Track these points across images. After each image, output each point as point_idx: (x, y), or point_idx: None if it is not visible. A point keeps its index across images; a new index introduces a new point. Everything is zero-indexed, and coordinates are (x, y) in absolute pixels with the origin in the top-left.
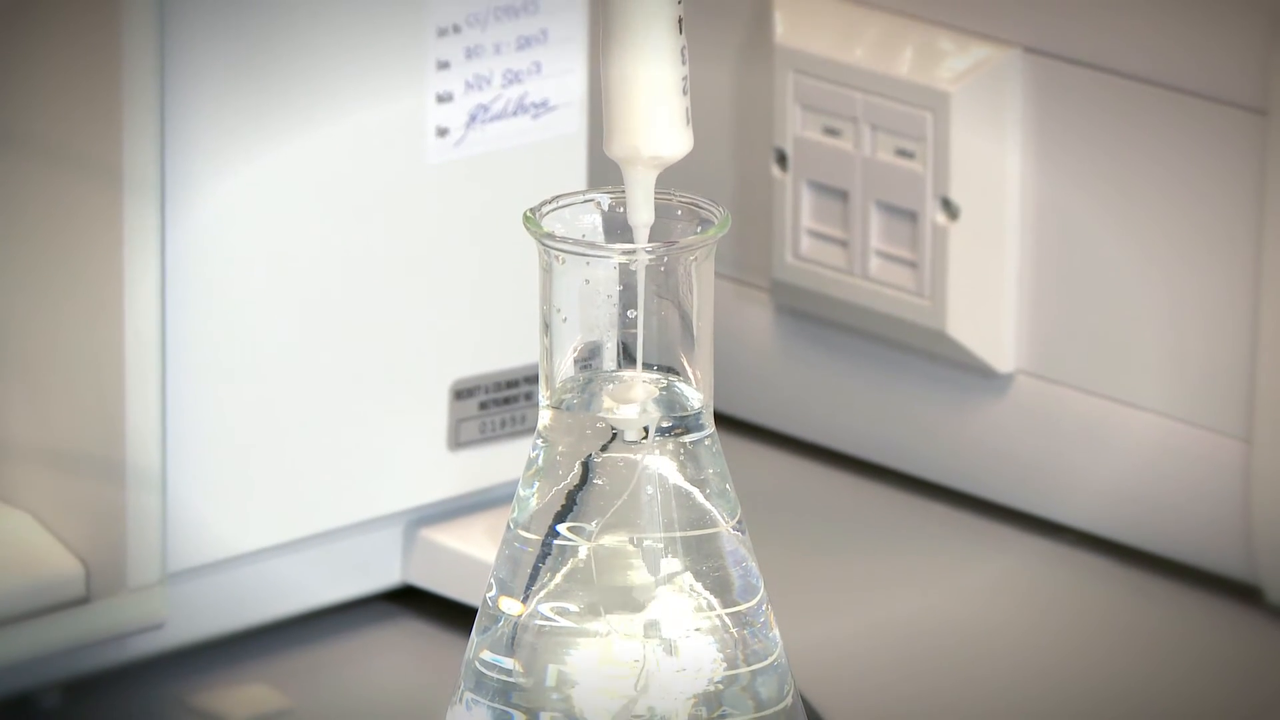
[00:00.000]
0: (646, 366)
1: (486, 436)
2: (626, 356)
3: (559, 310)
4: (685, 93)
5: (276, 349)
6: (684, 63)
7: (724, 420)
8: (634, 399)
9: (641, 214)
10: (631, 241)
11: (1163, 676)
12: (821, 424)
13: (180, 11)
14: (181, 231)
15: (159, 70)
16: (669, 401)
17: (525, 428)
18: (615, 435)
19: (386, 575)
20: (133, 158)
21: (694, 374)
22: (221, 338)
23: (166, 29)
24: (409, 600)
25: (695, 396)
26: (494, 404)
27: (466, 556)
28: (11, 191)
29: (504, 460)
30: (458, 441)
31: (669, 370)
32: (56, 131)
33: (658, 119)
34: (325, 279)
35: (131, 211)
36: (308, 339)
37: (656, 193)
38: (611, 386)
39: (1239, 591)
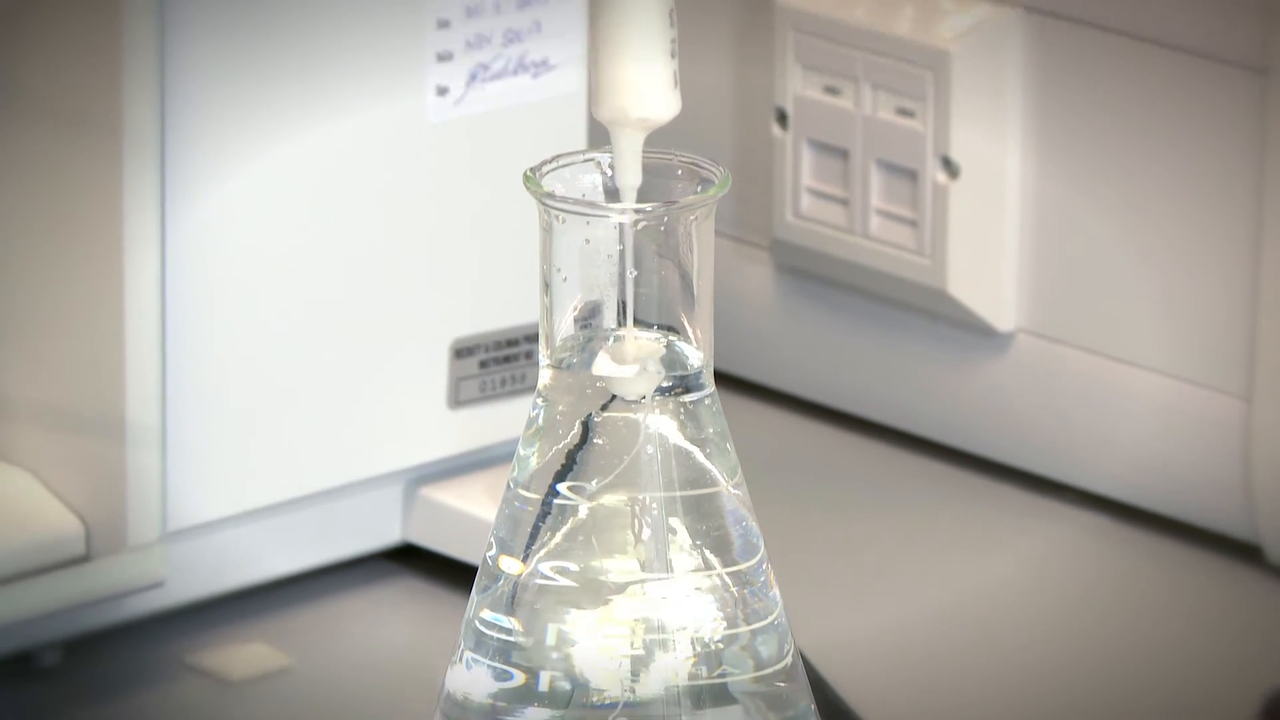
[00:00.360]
0: (647, 326)
1: (486, 395)
2: (625, 315)
3: (559, 270)
4: (673, 55)
5: (276, 308)
6: (672, 25)
7: (724, 379)
8: (633, 359)
9: (629, 176)
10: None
11: (1162, 635)
12: (822, 383)
13: None
14: (181, 192)
15: (159, 28)
16: (670, 361)
17: (525, 386)
18: (615, 395)
19: (386, 534)
20: (132, 117)
21: (694, 333)
22: (221, 296)
23: None
24: (409, 559)
25: (696, 355)
26: (494, 363)
27: (466, 515)
28: (10, 151)
29: (504, 419)
30: (458, 400)
31: (669, 329)
32: (55, 90)
33: (645, 82)
34: (326, 237)
35: (131, 171)
36: (307, 297)
37: (657, 153)
38: (611, 345)
39: (1239, 550)
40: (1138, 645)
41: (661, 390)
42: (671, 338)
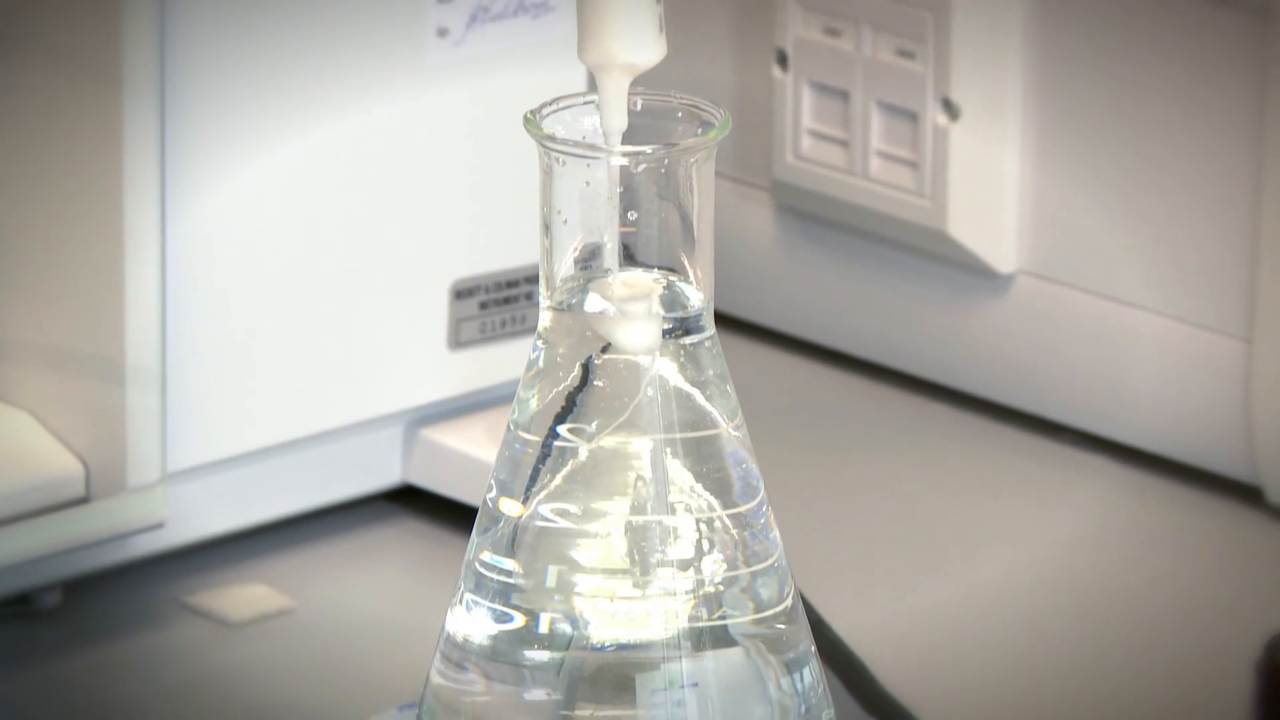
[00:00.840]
0: (647, 268)
1: (487, 336)
2: (628, 258)
3: (559, 212)
4: (659, 0)
5: (276, 249)
6: None
7: (724, 320)
8: (633, 300)
9: (615, 120)
10: (633, 144)
11: (1163, 577)
12: (822, 324)
13: None
14: (181, 132)
15: None
16: (669, 302)
17: (525, 328)
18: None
19: (386, 475)
20: (132, 59)
21: (695, 275)
22: (221, 237)
23: None
24: (409, 500)
25: (696, 297)
26: (494, 304)
27: (466, 456)
28: (9, 93)
29: (504, 360)
30: (458, 341)
31: (670, 271)
32: (54, 32)
33: (631, 26)
34: (326, 178)
35: (131, 113)
36: (308, 239)
37: (657, 95)
38: (605, 284)
39: (1240, 492)
40: (1138, 587)
41: (662, 333)
42: (672, 278)
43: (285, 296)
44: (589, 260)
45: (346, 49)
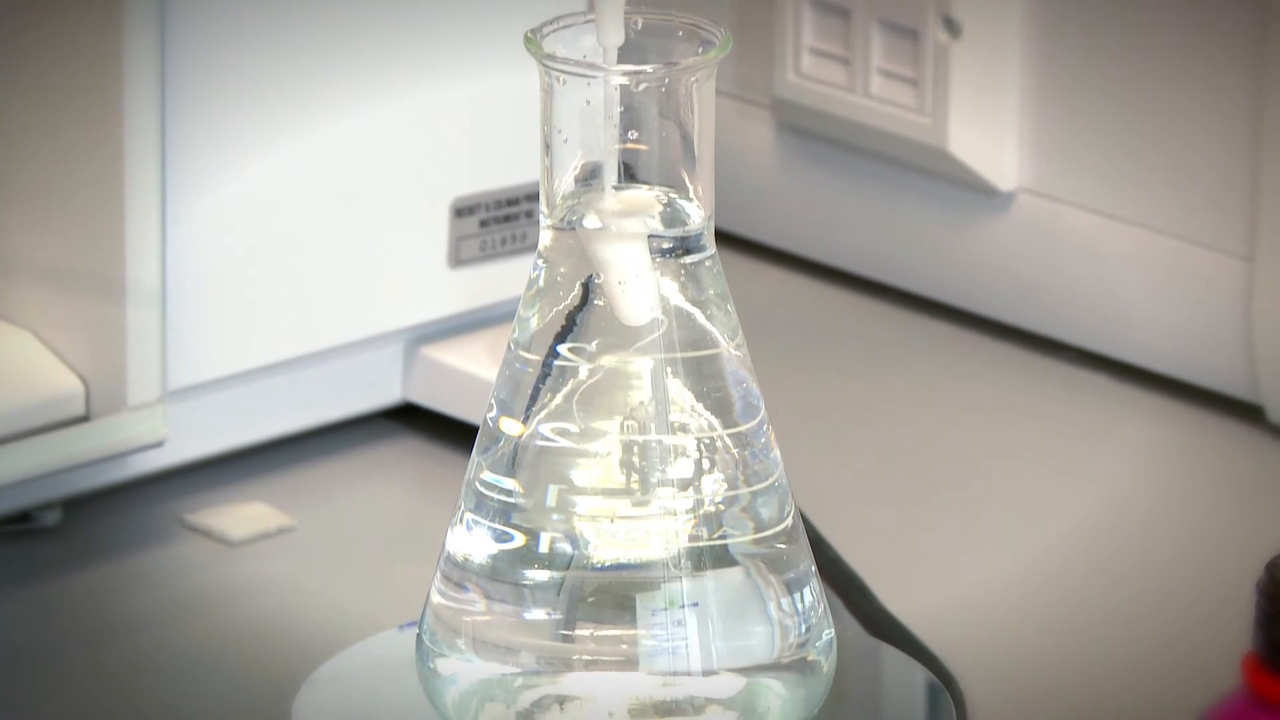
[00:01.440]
0: (648, 185)
1: (487, 254)
2: (628, 176)
3: (559, 131)
4: None
5: (277, 166)
6: None
7: (724, 238)
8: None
9: (611, 35)
10: (634, 63)
11: (1163, 495)
12: (822, 242)
13: None
14: (182, 48)
15: None
16: (670, 219)
17: (526, 245)
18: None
19: (387, 393)
20: None
21: (695, 193)
22: (221, 154)
23: None
24: (409, 418)
25: (697, 215)
26: (494, 222)
27: (466, 374)
28: (7, 8)
29: (504, 278)
30: (458, 259)
31: (670, 190)
32: None
33: None
34: (326, 95)
35: (131, 27)
36: (308, 156)
37: (657, 14)
38: (603, 200)
39: (1240, 410)
40: (1138, 505)
41: (663, 252)
42: (673, 195)
43: (285, 214)
44: (589, 179)
45: None
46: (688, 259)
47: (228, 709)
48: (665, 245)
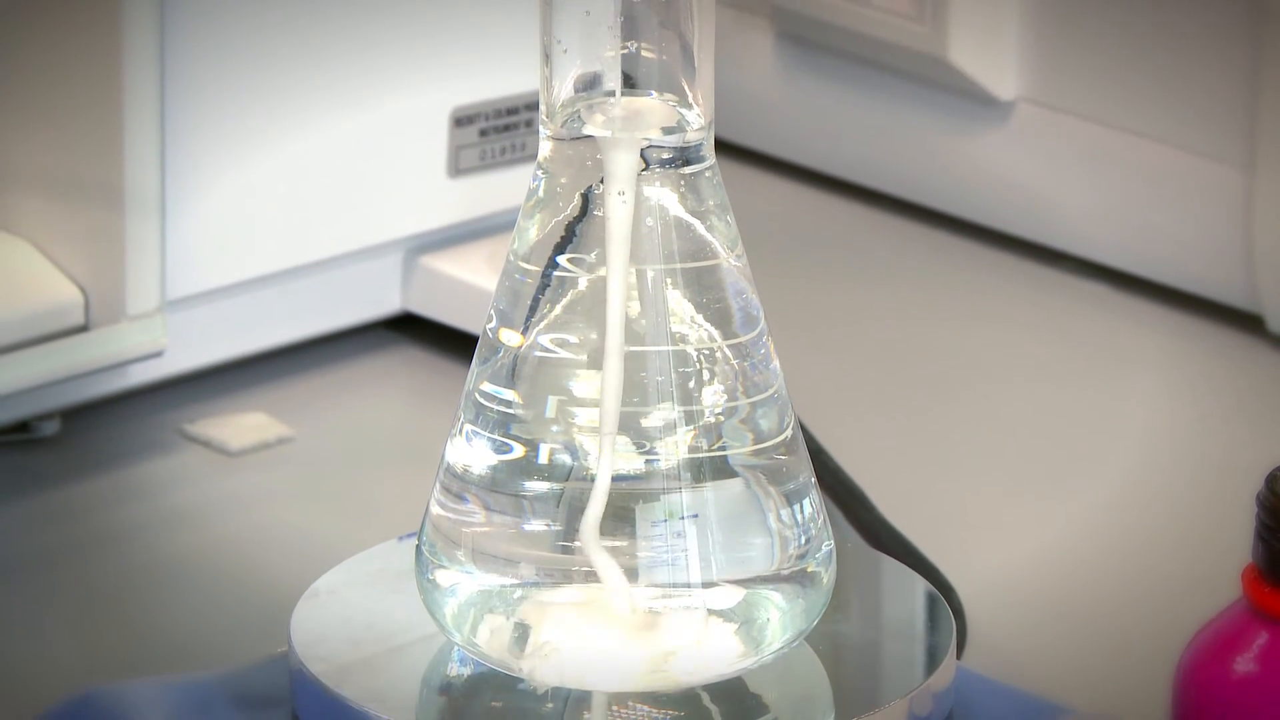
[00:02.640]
0: (648, 94)
1: (486, 164)
2: (628, 85)
3: (559, 41)
4: None
5: (276, 75)
6: None
7: (724, 147)
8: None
9: None
10: None
11: (1163, 406)
12: (822, 151)
13: None
14: None
15: None
16: (670, 130)
17: (525, 155)
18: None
19: (386, 303)
20: None
21: (695, 104)
22: (221, 63)
23: None
24: (408, 327)
25: (697, 124)
26: (494, 131)
27: (466, 284)
28: None
29: (504, 187)
30: (457, 169)
31: (671, 99)
32: None
33: None
34: (327, 5)
35: None
36: (308, 65)
37: None
38: (605, 105)
39: (1240, 320)
40: (1137, 416)
41: (662, 163)
42: (674, 103)
43: (285, 124)
44: (588, 89)
45: None
46: (687, 169)
47: (226, 619)
48: (665, 155)
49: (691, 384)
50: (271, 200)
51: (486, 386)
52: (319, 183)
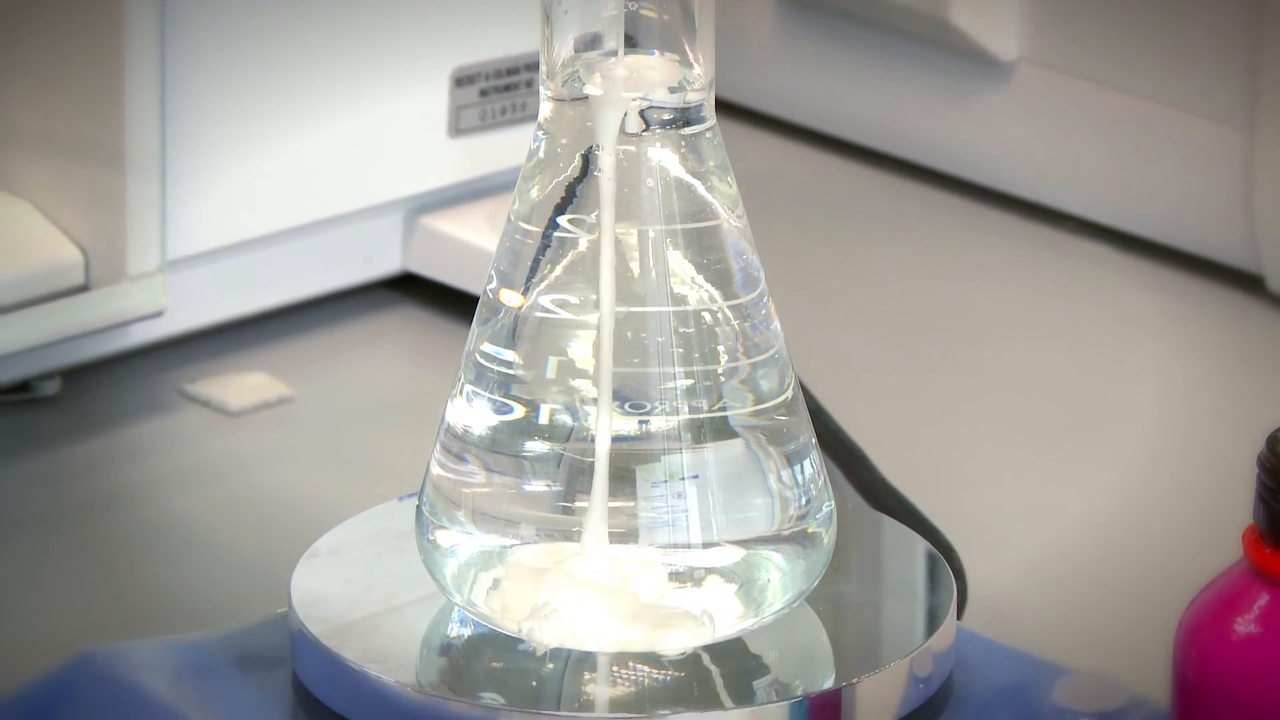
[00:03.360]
0: (649, 54)
1: (487, 124)
2: (629, 45)
3: (560, 1)
4: None
5: (277, 35)
6: None
7: (725, 107)
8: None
9: None
10: None
11: (1163, 366)
12: (823, 112)
13: None
14: None
15: None
16: (670, 91)
17: (526, 115)
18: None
19: (386, 263)
20: None
21: (696, 64)
22: (221, 23)
23: None
24: (409, 287)
25: (698, 84)
26: (494, 91)
27: (466, 244)
28: None
29: (504, 147)
30: (458, 129)
31: (672, 58)
32: None
33: None
34: None
35: None
36: (309, 25)
37: None
38: (606, 65)
39: (1241, 280)
40: (1138, 376)
41: (663, 123)
42: (674, 62)
43: (285, 84)
44: (588, 49)
45: None
46: (688, 130)
47: (226, 580)
48: (665, 116)
49: (692, 345)
50: (272, 160)
51: (487, 347)
52: (319, 143)
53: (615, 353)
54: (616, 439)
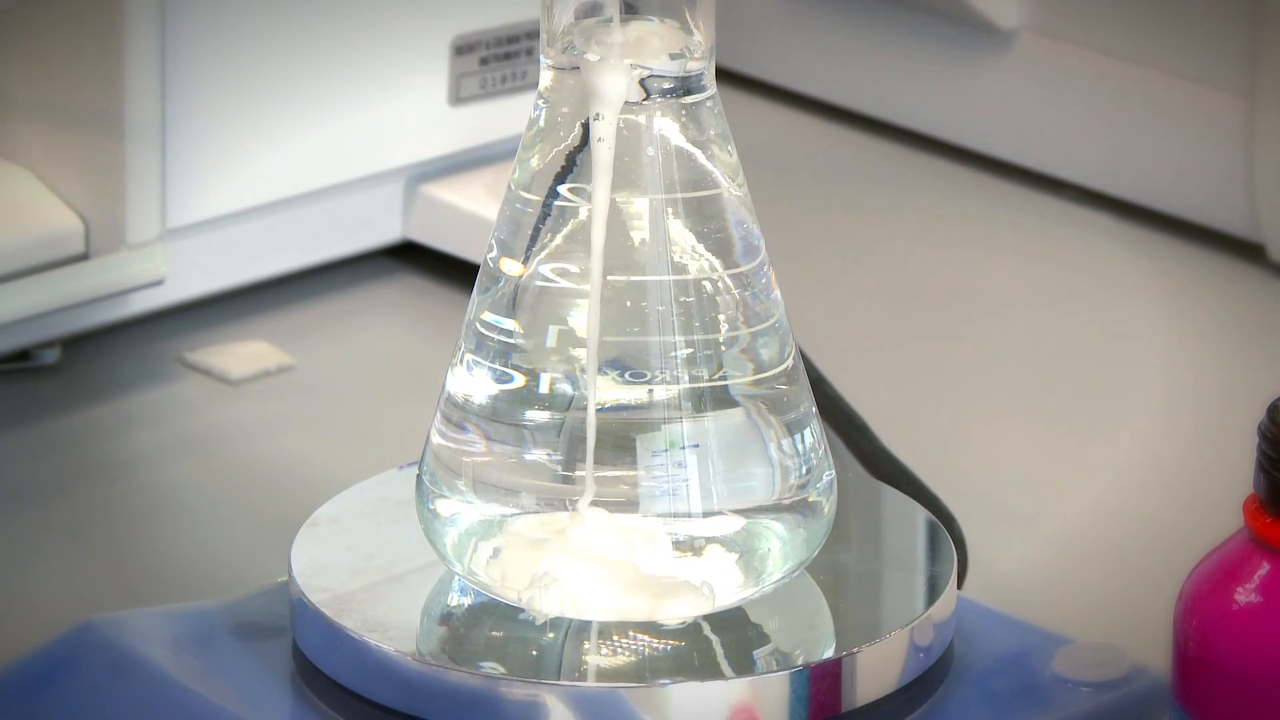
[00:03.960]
0: (649, 20)
1: (487, 92)
2: (629, 10)
3: None
4: None
5: (278, 4)
6: None
7: (726, 76)
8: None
9: None
10: None
11: (1164, 334)
12: (824, 80)
13: None
14: None
15: None
16: (671, 57)
17: (526, 83)
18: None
19: (387, 231)
20: None
21: (696, 30)
22: None
23: None
24: (409, 256)
25: (698, 53)
26: (495, 59)
27: (466, 212)
28: None
29: (505, 116)
30: (458, 97)
31: (672, 24)
32: None
33: None
34: None
35: None
36: None
37: None
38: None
39: (1242, 249)
40: (1139, 345)
41: (663, 92)
42: (674, 29)
43: (286, 52)
44: (588, 16)
45: None
46: (688, 99)
47: (226, 549)
48: (665, 85)
49: (692, 314)
50: (272, 129)
51: (487, 316)
52: (320, 111)
53: (615, 322)
54: (616, 408)
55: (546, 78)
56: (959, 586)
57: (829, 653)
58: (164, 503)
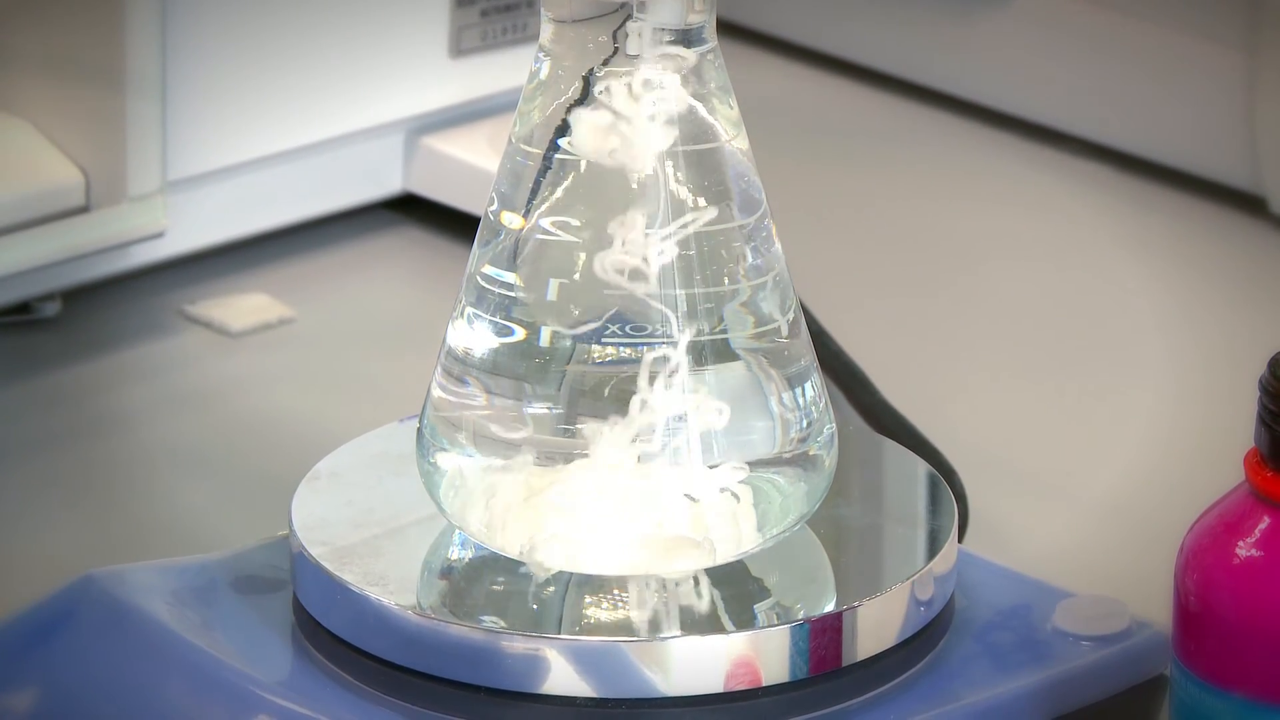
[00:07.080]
0: None
1: (488, 44)
2: None
3: None
4: None
5: None
6: None
7: (726, 28)
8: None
9: None
10: None
11: (1165, 288)
12: (824, 32)
13: None
14: None
15: None
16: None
17: (527, 35)
18: (617, 50)
19: (387, 183)
20: None
21: None
22: None
23: None
24: (409, 208)
25: (699, 2)
26: (495, 11)
27: (467, 164)
28: None
29: (505, 68)
30: (459, 49)
31: None
32: None
33: None
34: None
35: None
36: None
37: None
38: None
39: (1243, 202)
40: (1140, 298)
41: (664, 44)
42: None
43: (286, 4)
44: None
45: None
46: (689, 51)
47: (227, 502)
48: (666, 38)
49: (693, 267)
50: (272, 81)
51: (488, 269)
52: (320, 63)
53: (614, 271)
54: (617, 361)
55: (547, 31)
56: (960, 540)
57: (829, 606)
58: (164, 455)
